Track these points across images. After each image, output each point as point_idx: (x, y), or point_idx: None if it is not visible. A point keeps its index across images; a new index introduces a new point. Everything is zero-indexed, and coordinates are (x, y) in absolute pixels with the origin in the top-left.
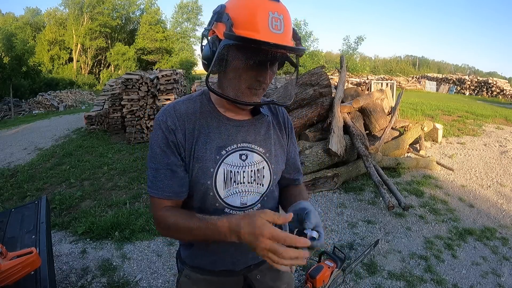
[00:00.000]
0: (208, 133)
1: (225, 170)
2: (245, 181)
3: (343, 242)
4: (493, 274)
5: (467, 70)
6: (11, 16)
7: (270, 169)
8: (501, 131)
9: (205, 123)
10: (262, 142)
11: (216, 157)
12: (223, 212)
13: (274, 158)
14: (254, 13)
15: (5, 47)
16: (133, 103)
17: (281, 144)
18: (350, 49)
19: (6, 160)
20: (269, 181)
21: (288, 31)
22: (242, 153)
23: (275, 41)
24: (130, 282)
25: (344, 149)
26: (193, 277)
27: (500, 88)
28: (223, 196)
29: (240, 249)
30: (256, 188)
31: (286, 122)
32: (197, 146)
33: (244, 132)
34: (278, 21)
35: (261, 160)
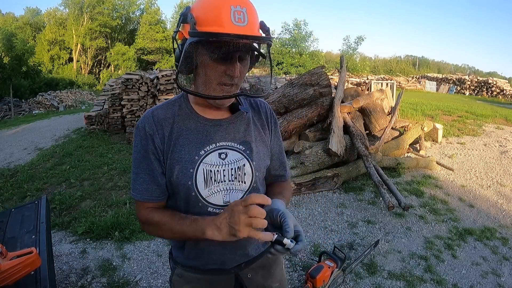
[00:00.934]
0: (187, 134)
1: (204, 170)
2: (225, 180)
3: (343, 242)
4: (493, 274)
5: (467, 70)
6: (11, 16)
7: (252, 166)
8: (501, 131)
9: (183, 125)
10: (241, 140)
11: (194, 157)
12: (207, 211)
13: (256, 155)
14: (215, 9)
15: (5, 47)
16: (133, 103)
17: (263, 140)
18: (350, 49)
19: (6, 160)
20: (251, 178)
21: (253, 22)
22: (221, 151)
23: (238, 32)
24: (130, 282)
25: (344, 149)
26: (185, 275)
27: (500, 88)
28: (205, 196)
29: (229, 248)
30: (238, 185)
31: (269, 117)
32: (176, 148)
33: (223, 131)
34: (241, 13)
35: (241, 158)
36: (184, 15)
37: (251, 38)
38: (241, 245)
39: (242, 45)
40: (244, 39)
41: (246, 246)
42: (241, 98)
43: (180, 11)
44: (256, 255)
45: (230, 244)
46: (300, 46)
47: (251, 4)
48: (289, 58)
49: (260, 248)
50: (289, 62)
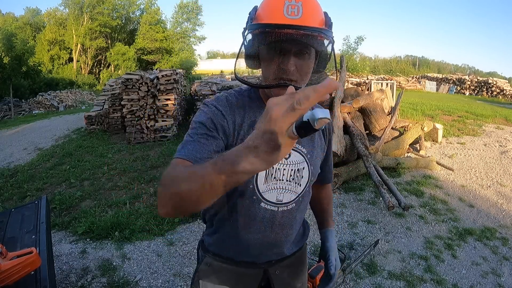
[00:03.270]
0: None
1: None
2: (284, 179)
3: (343, 242)
4: (493, 274)
5: (467, 70)
6: (11, 16)
7: (309, 170)
8: (501, 131)
9: (254, 117)
10: (305, 143)
11: None
12: (259, 206)
13: (314, 161)
14: (271, 4)
15: (5, 47)
16: (133, 103)
17: (322, 147)
18: (350, 49)
19: (6, 160)
20: (307, 182)
21: (308, 15)
22: None
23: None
24: (130, 282)
25: (344, 149)
26: (214, 264)
27: (500, 88)
28: (261, 191)
29: (267, 245)
30: (294, 187)
31: (328, 129)
32: (243, 135)
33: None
34: (295, 7)
35: (302, 161)
36: (250, 13)
37: (294, 28)
38: (279, 243)
39: (290, 37)
40: (285, 28)
41: (283, 244)
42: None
43: (180, 11)
44: (289, 254)
45: (269, 239)
46: None
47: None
48: None
49: (293, 248)
50: None
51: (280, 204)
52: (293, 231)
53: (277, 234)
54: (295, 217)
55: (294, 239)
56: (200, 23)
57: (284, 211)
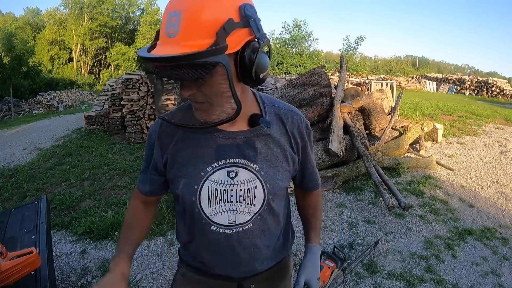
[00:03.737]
0: (195, 146)
1: (209, 187)
2: (233, 200)
3: (343, 242)
4: (493, 274)
5: (467, 70)
6: (11, 16)
7: (264, 189)
8: (501, 131)
9: (192, 136)
10: (257, 158)
11: (200, 173)
12: (210, 230)
13: (272, 177)
14: (163, 17)
15: (5, 47)
16: (133, 103)
17: (287, 160)
18: (350, 49)
19: (6, 160)
20: (262, 202)
21: (187, 27)
22: (231, 170)
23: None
24: (130, 282)
25: (344, 149)
26: (188, 275)
27: (500, 88)
28: (208, 214)
29: (232, 262)
30: (246, 207)
31: (303, 132)
32: (183, 160)
33: (236, 146)
34: (175, 21)
35: (254, 179)
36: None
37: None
38: (245, 262)
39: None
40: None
41: (251, 263)
42: (266, 108)
43: None
44: (264, 269)
45: (232, 260)
46: (300, 46)
47: (194, 3)
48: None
49: (268, 263)
50: (289, 62)
51: (233, 226)
52: (261, 249)
53: (239, 254)
54: (257, 236)
55: (267, 255)
56: None
57: (239, 232)
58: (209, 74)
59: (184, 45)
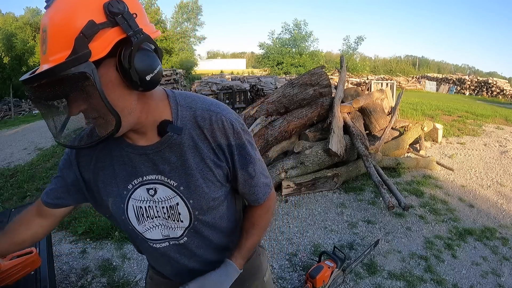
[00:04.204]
0: (112, 165)
1: (134, 206)
2: (160, 215)
3: (343, 242)
4: (493, 274)
5: (467, 70)
6: (11, 16)
7: (188, 205)
8: (501, 131)
9: (108, 154)
10: (174, 172)
11: (123, 192)
12: (148, 245)
13: (195, 191)
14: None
15: (5, 47)
16: None
17: (210, 169)
18: (350, 49)
19: (6, 160)
20: (190, 218)
21: (53, 43)
22: (149, 187)
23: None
24: (130, 282)
25: (344, 149)
26: (155, 278)
27: (500, 88)
28: (141, 231)
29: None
30: (175, 224)
31: (220, 135)
32: (105, 180)
33: (150, 161)
34: (44, 37)
35: (174, 195)
36: None
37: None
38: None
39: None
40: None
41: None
42: (180, 111)
43: (180, 11)
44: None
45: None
46: (300, 46)
47: (56, 14)
48: (289, 58)
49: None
50: (289, 62)
51: (169, 239)
52: (210, 256)
53: (186, 264)
54: (197, 248)
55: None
56: (200, 23)
57: (176, 245)
58: (78, 86)
59: (51, 61)
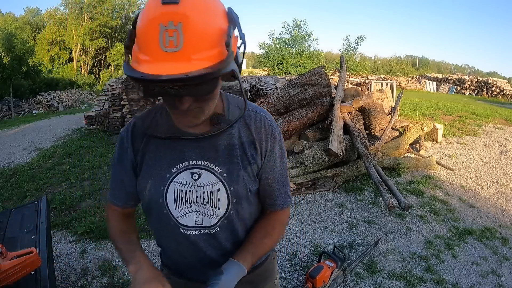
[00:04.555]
0: (160, 148)
1: (175, 189)
2: (198, 201)
3: (343, 242)
4: (493, 274)
5: (467, 70)
6: (11, 16)
7: (228, 192)
8: (501, 131)
9: (159, 137)
10: (220, 160)
11: (166, 175)
12: (179, 232)
13: (236, 180)
14: (144, 29)
15: (5, 47)
16: (133, 103)
17: (250, 162)
18: (350, 49)
19: (6, 160)
20: (227, 205)
21: (191, 43)
22: (194, 171)
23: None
24: (130, 282)
25: (344, 149)
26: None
27: (500, 88)
28: (175, 216)
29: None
30: (212, 211)
31: (268, 135)
32: (150, 162)
33: (199, 148)
34: (173, 34)
35: (216, 181)
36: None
37: (167, 81)
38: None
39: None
40: (164, 82)
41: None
42: (230, 108)
43: None
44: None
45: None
46: (300, 46)
47: (195, 13)
48: (289, 58)
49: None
50: (289, 62)
51: (201, 227)
52: (232, 251)
53: (211, 256)
54: (226, 240)
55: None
56: None
57: (207, 234)
58: (215, 83)
59: (195, 59)
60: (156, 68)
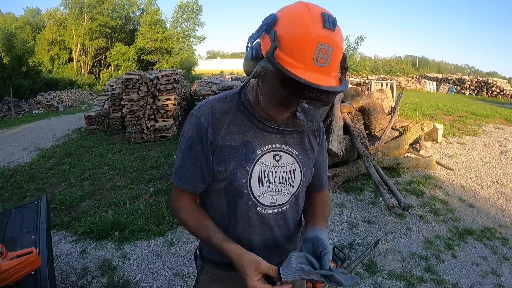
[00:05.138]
0: (245, 132)
1: (260, 169)
2: (276, 181)
3: (343, 242)
4: (493, 274)
5: (467, 70)
6: (11, 16)
7: (302, 171)
8: (501, 131)
9: (241, 122)
10: (295, 145)
11: (251, 156)
12: (256, 211)
13: (306, 161)
14: (302, 41)
15: (5, 47)
16: (133, 103)
17: (313, 148)
18: (350, 49)
19: (6, 160)
20: (299, 183)
21: (334, 63)
22: (276, 153)
23: (313, 79)
24: (130, 282)
25: (344, 149)
26: (215, 273)
27: (500, 88)
28: (256, 195)
29: (268, 246)
30: (287, 189)
31: (319, 128)
32: (233, 143)
33: (280, 134)
34: (326, 53)
35: (294, 162)
36: (267, 26)
37: (324, 92)
38: (280, 245)
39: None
40: (317, 91)
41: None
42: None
43: (180, 11)
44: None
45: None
46: None
47: (341, 40)
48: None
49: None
50: None
51: (274, 207)
52: (292, 232)
53: (276, 236)
54: (291, 218)
55: (296, 239)
56: (200, 23)
57: (278, 213)
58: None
59: (332, 76)
60: (311, 77)
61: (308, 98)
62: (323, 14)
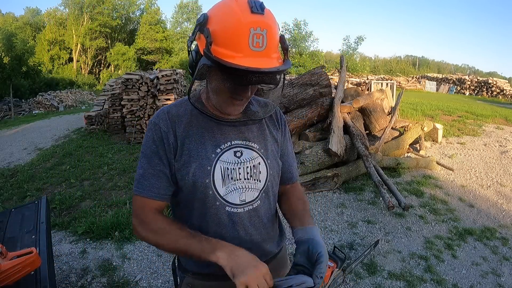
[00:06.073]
0: (202, 132)
1: (222, 167)
2: (241, 178)
3: (343, 242)
4: (493, 274)
5: (467, 70)
6: (11, 16)
7: (266, 165)
8: (501, 131)
9: (197, 123)
10: (255, 139)
11: (211, 155)
12: (225, 211)
13: (270, 154)
14: (234, 29)
15: (5, 47)
16: (133, 103)
17: (276, 140)
18: (350, 49)
19: (6, 160)
20: (266, 177)
21: (271, 45)
22: (237, 150)
23: (253, 64)
24: (130, 282)
25: (344, 149)
26: (196, 284)
27: (500, 88)
28: (222, 194)
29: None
30: (254, 184)
31: (279, 118)
32: (192, 145)
33: (237, 130)
34: (260, 37)
35: (257, 156)
36: (200, 25)
37: (266, 73)
38: (257, 244)
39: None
40: (258, 74)
41: (262, 244)
42: (251, 98)
43: (180, 11)
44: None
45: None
46: (300, 46)
47: (274, 23)
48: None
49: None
50: None
51: (244, 204)
52: (268, 229)
53: (252, 235)
54: (264, 214)
55: (273, 237)
56: None
57: (250, 210)
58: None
59: (272, 58)
60: (250, 62)
61: (252, 83)
62: (250, 0)
